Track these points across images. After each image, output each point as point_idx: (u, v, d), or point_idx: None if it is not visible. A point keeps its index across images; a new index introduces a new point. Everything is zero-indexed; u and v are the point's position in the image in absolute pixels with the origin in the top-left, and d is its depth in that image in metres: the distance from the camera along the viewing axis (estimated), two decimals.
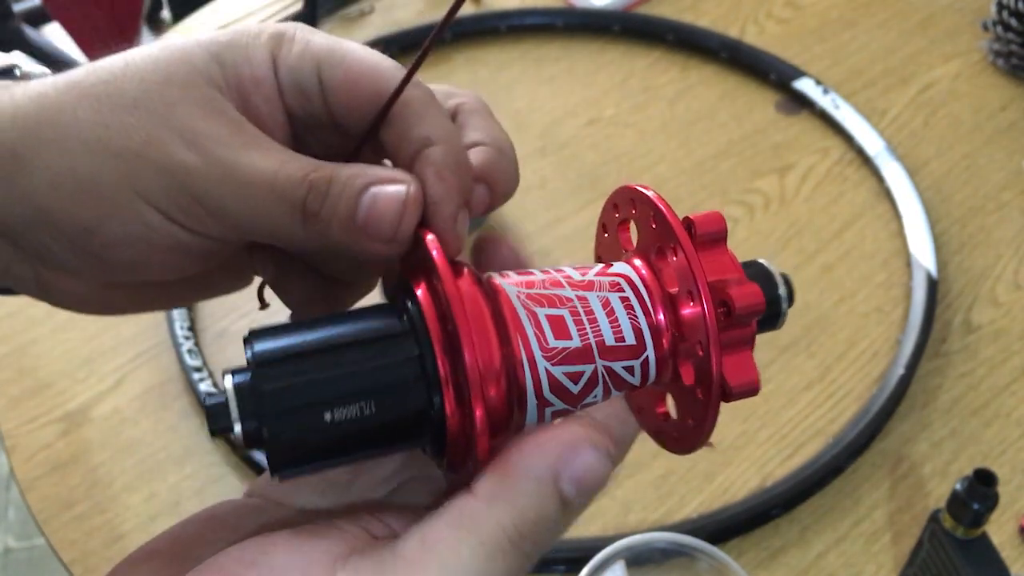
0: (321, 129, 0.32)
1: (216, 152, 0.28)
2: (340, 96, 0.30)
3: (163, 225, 0.29)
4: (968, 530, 0.54)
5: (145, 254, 0.30)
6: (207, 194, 0.28)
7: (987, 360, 0.74)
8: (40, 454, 0.70)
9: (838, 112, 0.91)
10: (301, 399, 0.26)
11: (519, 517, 0.24)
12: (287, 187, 0.28)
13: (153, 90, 0.29)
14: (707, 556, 0.56)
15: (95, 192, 0.28)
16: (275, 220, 0.29)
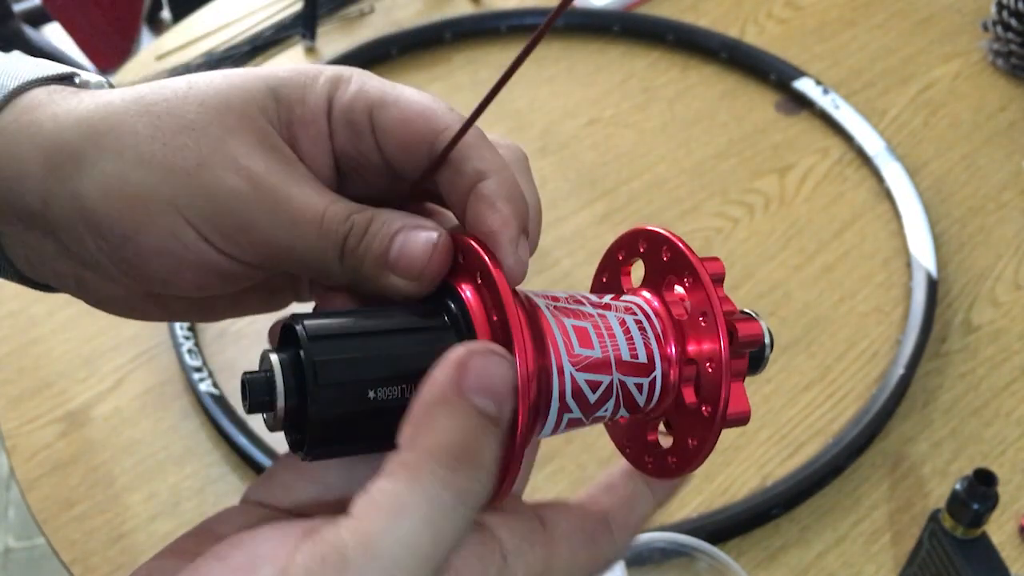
0: (369, 169, 0.33)
1: (267, 182, 0.30)
2: (393, 137, 0.31)
3: (198, 244, 0.30)
4: (968, 530, 0.54)
5: (175, 269, 0.31)
6: (252, 222, 0.30)
7: (987, 360, 0.74)
8: (40, 454, 0.70)
9: (838, 112, 0.91)
10: (350, 374, 0.26)
11: (443, 440, 0.24)
12: (332, 224, 0.30)
13: (211, 115, 0.30)
14: (707, 556, 0.56)
15: (139, 203, 0.29)
16: (315, 254, 0.30)
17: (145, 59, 1.03)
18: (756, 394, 0.72)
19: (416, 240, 0.29)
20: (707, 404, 0.29)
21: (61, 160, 0.30)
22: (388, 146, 0.31)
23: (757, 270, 0.80)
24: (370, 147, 0.32)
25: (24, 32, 2.11)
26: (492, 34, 1.01)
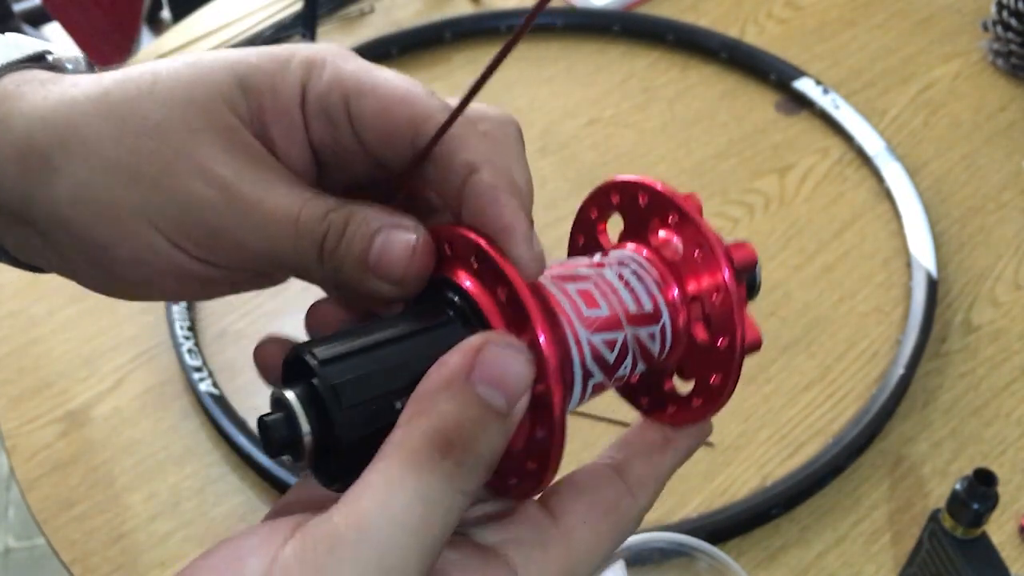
0: (349, 159, 0.31)
1: (236, 187, 0.29)
2: (371, 127, 0.30)
3: (171, 253, 0.29)
4: (968, 530, 0.54)
5: (151, 276, 0.30)
6: (224, 229, 0.29)
7: (987, 360, 0.74)
8: (40, 454, 0.70)
9: (838, 112, 0.91)
10: (372, 389, 0.26)
11: (440, 423, 0.23)
12: (308, 225, 0.29)
13: (176, 115, 0.29)
14: (707, 556, 0.56)
15: (109, 212, 0.29)
16: (293, 256, 0.29)
17: (145, 59, 1.02)
18: (756, 394, 0.72)
19: (395, 243, 0.28)
20: (722, 336, 0.29)
21: (33, 163, 0.29)
22: (367, 137, 0.30)
23: None
24: (349, 137, 0.30)
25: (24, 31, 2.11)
26: (492, 34, 1.01)
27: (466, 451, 0.23)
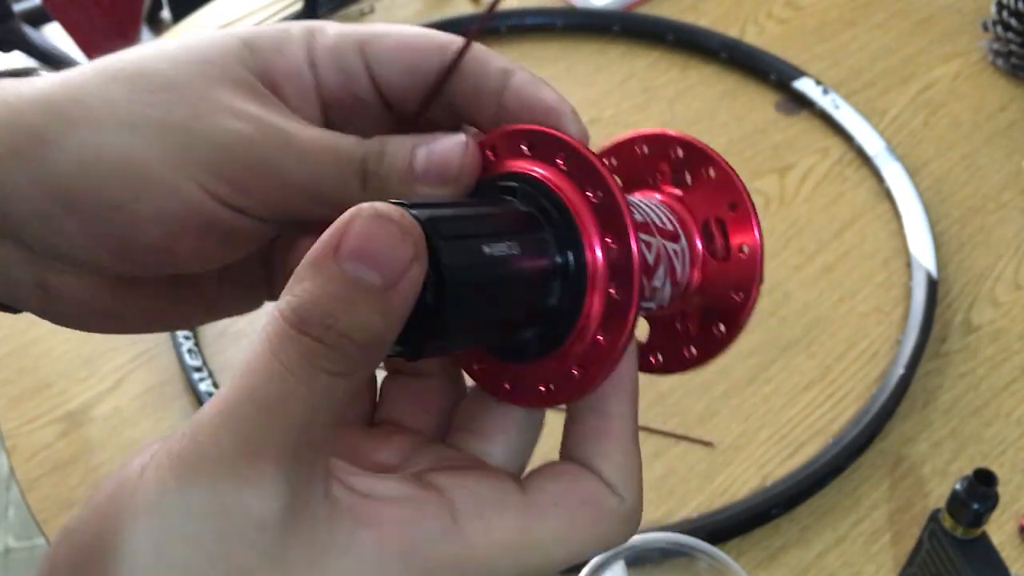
0: (362, 114, 0.31)
1: (271, 121, 0.28)
2: (394, 64, 0.30)
3: (200, 201, 0.28)
4: (968, 530, 0.54)
5: (173, 234, 0.28)
6: (266, 164, 0.28)
7: (987, 360, 0.74)
8: (40, 454, 0.70)
9: (838, 112, 0.91)
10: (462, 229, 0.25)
11: (295, 301, 0.22)
12: (350, 150, 0.29)
13: (191, 69, 0.28)
14: (707, 556, 0.56)
15: (128, 170, 0.27)
16: (336, 185, 0.29)
17: None
18: (756, 394, 0.72)
19: (444, 144, 0.28)
20: (743, 240, 0.30)
21: (21, 144, 0.27)
22: (388, 76, 0.30)
23: None
24: (364, 86, 0.30)
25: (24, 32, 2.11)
26: (492, 34, 1.01)
27: (325, 328, 0.22)
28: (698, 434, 0.69)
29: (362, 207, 0.23)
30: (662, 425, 0.70)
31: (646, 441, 0.69)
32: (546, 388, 0.27)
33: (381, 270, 0.22)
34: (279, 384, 0.22)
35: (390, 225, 0.22)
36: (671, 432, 0.69)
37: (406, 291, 0.23)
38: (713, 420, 0.70)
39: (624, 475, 0.28)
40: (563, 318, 0.27)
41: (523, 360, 0.28)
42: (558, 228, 0.27)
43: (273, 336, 0.22)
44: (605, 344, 0.26)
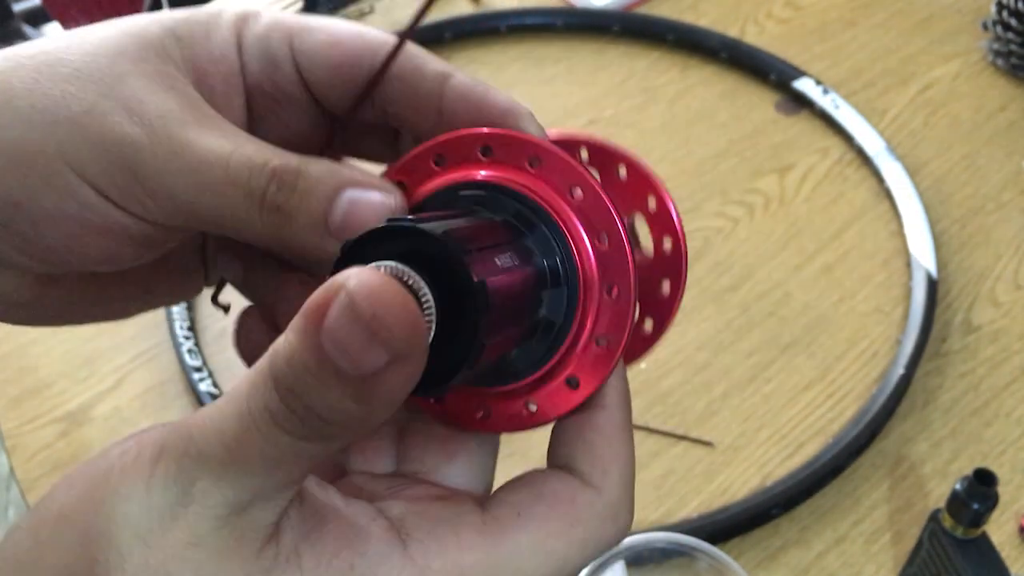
0: (287, 107, 0.30)
1: (164, 127, 0.26)
2: (322, 61, 0.29)
3: (97, 203, 0.26)
4: (968, 530, 0.54)
5: (76, 235, 0.27)
6: (151, 172, 0.26)
7: (987, 360, 0.74)
8: (40, 454, 0.70)
9: (838, 112, 0.91)
10: (474, 244, 0.24)
11: (279, 350, 0.20)
12: (242, 171, 0.26)
13: (100, 61, 0.27)
14: (707, 556, 0.56)
15: (25, 162, 0.26)
16: (227, 207, 0.26)
17: None
18: (756, 394, 0.72)
19: (367, 205, 0.26)
20: (666, 237, 0.30)
21: None
22: (315, 71, 0.29)
23: (757, 270, 0.80)
24: (290, 78, 0.29)
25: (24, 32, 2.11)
26: (492, 34, 1.01)
27: (292, 395, 0.20)
28: (698, 434, 0.69)
29: (347, 281, 0.19)
30: (662, 425, 0.70)
31: (646, 441, 0.69)
32: (528, 410, 0.26)
33: (353, 365, 0.19)
34: (239, 425, 0.21)
35: (357, 326, 0.19)
36: (671, 432, 0.69)
37: (392, 384, 0.20)
38: (713, 420, 0.70)
39: (600, 465, 0.26)
40: (554, 330, 0.26)
41: (503, 383, 0.26)
42: (540, 236, 0.26)
43: (255, 374, 0.21)
44: (604, 350, 0.25)
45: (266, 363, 0.21)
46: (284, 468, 0.21)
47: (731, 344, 0.75)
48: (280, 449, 0.21)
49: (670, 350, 0.74)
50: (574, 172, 0.26)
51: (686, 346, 0.74)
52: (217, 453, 0.21)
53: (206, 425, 0.21)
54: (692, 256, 0.81)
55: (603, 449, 0.26)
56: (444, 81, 0.28)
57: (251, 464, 0.21)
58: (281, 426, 0.20)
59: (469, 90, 0.28)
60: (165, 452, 0.22)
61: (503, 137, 0.26)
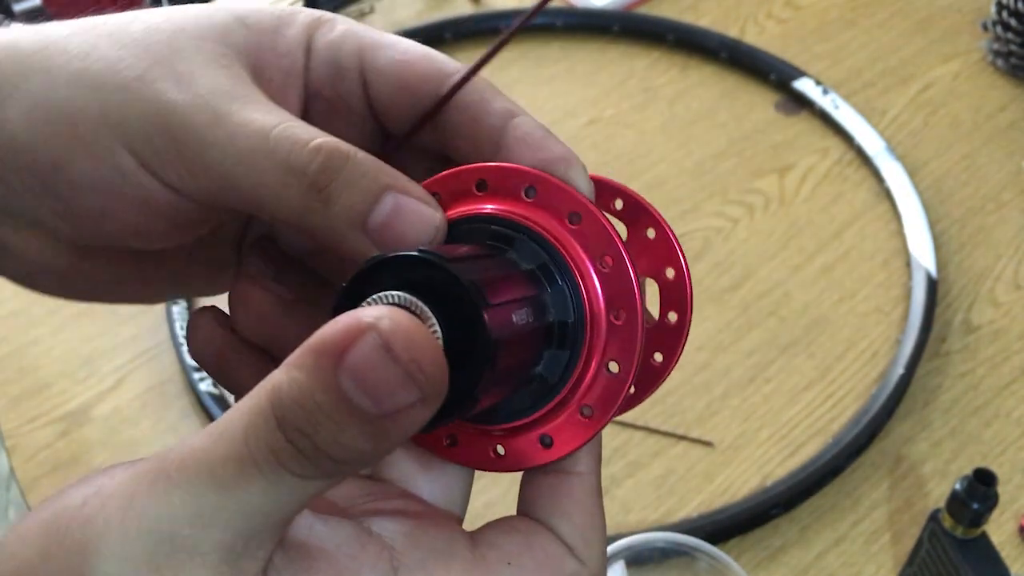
0: (344, 117, 0.29)
1: (210, 98, 0.26)
2: (390, 79, 0.28)
3: (136, 173, 0.26)
4: (968, 530, 0.54)
5: (111, 204, 0.27)
6: (191, 140, 0.25)
7: (987, 360, 0.74)
8: (40, 454, 0.70)
9: (838, 112, 0.91)
10: (497, 295, 0.23)
11: (286, 389, 0.19)
12: (283, 143, 0.25)
13: (160, 35, 0.27)
14: (707, 556, 0.56)
15: (70, 124, 0.26)
16: (265, 181, 0.25)
17: None
18: (756, 394, 0.72)
19: (414, 214, 0.25)
20: (672, 311, 0.29)
21: None
22: (381, 88, 0.28)
23: (757, 270, 0.80)
24: (353, 90, 0.29)
25: None
26: (492, 34, 1.01)
27: (300, 434, 0.19)
28: (698, 434, 0.69)
29: (378, 322, 0.19)
30: (662, 425, 0.70)
31: (646, 441, 0.69)
32: (496, 452, 0.26)
33: (376, 404, 0.19)
34: (237, 467, 0.20)
35: (392, 368, 0.19)
36: (671, 432, 0.69)
37: (404, 426, 0.20)
38: (713, 420, 0.70)
39: (585, 538, 0.26)
40: (544, 387, 0.26)
41: (477, 420, 0.26)
42: (558, 294, 0.26)
43: (253, 413, 0.20)
44: (587, 421, 0.25)
45: (265, 401, 0.20)
46: (283, 509, 0.21)
47: (731, 344, 0.75)
48: (283, 490, 0.20)
49: None
50: (609, 241, 0.25)
51: (686, 346, 0.74)
52: (210, 496, 0.20)
53: (190, 467, 0.20)
54: (692, 256, 0.81)
55: (583, 519, 0.26)
56: (508, 119, 0.27)
57: (250, 507, 0.20)
58: (286, 466, 0.20)
59: (530, 132, 0.27)
60: (138, 497, 0.20)
61: (552, 185, 0.26)
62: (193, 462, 0.20)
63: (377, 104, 0.29)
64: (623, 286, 0.25)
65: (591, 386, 0.26)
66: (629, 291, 0.25)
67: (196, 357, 0.30)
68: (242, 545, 0.20)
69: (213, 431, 0.20)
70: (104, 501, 0.20)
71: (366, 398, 0.19)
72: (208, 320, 0.30)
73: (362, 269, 0.23)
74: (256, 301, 0.29)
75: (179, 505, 0.20)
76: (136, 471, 0.21)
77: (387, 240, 0.25)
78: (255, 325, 0.29)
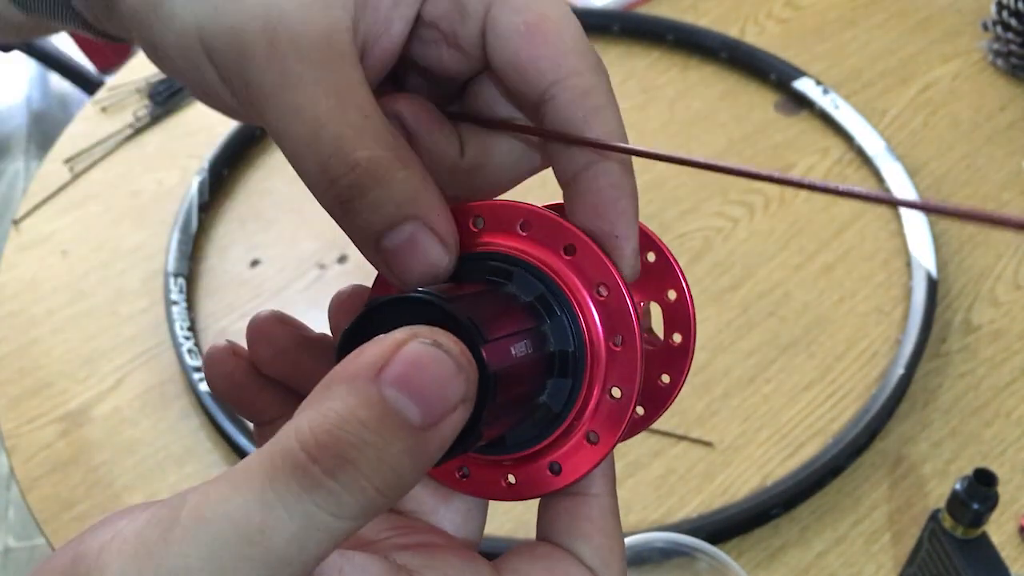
0: (454, 53, 0.28)
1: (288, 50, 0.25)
2: (503, 49, 0.26)
3: (216, 82, 0.26)
4: (968, 530, 0.54)
5: (182, 77, 0.27)
6: (256, 94, 0.25)
7: (987, 360, 0.74)
8: (40, 454, 0.70)
9: (838, 112, 0.91)
10: (497, 330, 0.24)
11: (318, 420, 0.19)
12: (326, 148, 0.25)
13: None
14: (707, 556, 0.56)
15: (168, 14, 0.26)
16: (304, 168, 0.25)
17: (145, 59, 1.02)
18: (756, 394, 0.72)
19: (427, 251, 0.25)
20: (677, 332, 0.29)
21: None
22: (496, 55, 0.27)
23: (757, 270, 0.80)
24: (470, 36, 0.27)
25: None
26: None
27: (342, 462, 0.18)
28: (698, 434, 0.69)
29: (419, 330, 0.20)
30: (662, 425, 0.70)
31: (646, 441, 0.69)
32: (508, 481, 0.27)
33: (425, 407, 0.19)
34: (262, 514, 0.18)
35: (446, 358, 0.19)
36: (671, 432, 0.69)
37: (446, 434, 0.19)
38: (713, 420, 0.70)
39: (605, 559, 0.26)
40: (549, 415, 0.26)
41: (488, 451, 0.27)
42: (558, 325, 0.26)
43: (278, 455, 0.19)
44: (594, 447, 0.26)
45: (294, 440, 0.19)
46: (311, 556, 0.19)
47: (731, 344, 0.75)
48: (312, 535, 0.19)
49: None
50: (605, 270, 0.26)
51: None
52: (230, 549, 0.18)
53: (207, 517, 0.19)
54: (692, 256, 0.81)
55: (602, 540, 0.26)
56: (598, 154, 0.27)
57: (274, 557, 0.19)
58: (321, 507, 0.19)
59: (611, 186, 0.26)
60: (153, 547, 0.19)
61: (545, 219, 0.26)
62: (210, 511, 0.19)
63: (491, 62, 0.27)
64: (621, 313, 0.26)
65: (595, 412, 0.26)
66: (626, 318, 0.26)
67: (214, 388, 0.30)
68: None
69: (232, 477, 0.19)
70: (120, 548, 0.19)
71: (414, 403, 0.19)
72: (225, 354, 0.29)
73: (362, 313, 0.23)
74: (278, 336, 0.29)
75: (194, 558, 0.19)
76: (154, 516, 0.20)
77: (394, 265, 0.25)
78: (274, 361, 0.29)
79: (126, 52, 1.94)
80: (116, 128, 0.95)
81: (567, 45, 0.27)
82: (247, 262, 0.82)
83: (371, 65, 0.27)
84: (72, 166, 0.92)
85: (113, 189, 0.90)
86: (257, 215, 0.86)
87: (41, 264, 0.83)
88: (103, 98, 0.98)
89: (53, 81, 2.41)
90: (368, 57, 0.27)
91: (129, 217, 0.87)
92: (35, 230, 0.86)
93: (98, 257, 0.83)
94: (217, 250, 0.84)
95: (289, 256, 0.82)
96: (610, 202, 0.26)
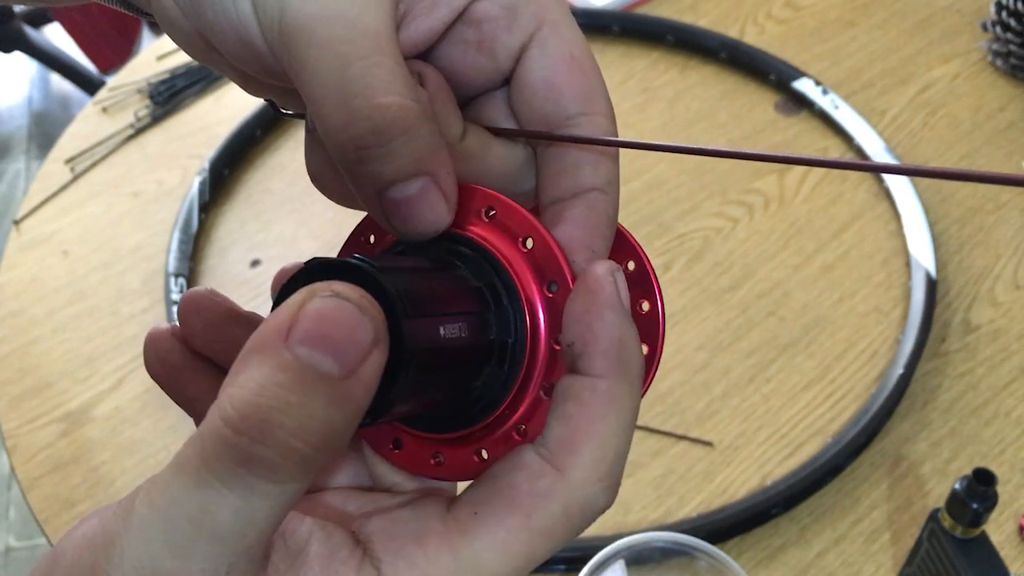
0: (482, 64, 0.28)
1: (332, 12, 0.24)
2: (527, 87, 0.27)
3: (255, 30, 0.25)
4: (967, 529, 0.54)
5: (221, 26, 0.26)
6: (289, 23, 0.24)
7: (986, 360, 0.74)
8: (41, 454, 0.70)
9: (838, 112, 0.91)
10: (425, 307, 0.23)
11: (235, 394, 0.19)
12: (353, 89, 0.24)
13: None
14: (706, 555, 0.56)
15: None
16: (324, 111, 0.24)
17: (146, 59, 1.03)
18: (756, 394, 0.72)
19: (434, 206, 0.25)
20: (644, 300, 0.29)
21: None
22: (519, 86, 0.27)
23: (757, 270, 0.80)
24: (501, 51, 0.27)
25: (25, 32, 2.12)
26: None
27: (268, 427, 0.19)
28: (698, 434, 0.70)
29: (316, 287, 0.20)
30: (662, 425, 0.70)
31: (646, 441, 0.69)
32: (436, 461, 0.27)
33: (339, 356, 0.19)
34: (204, 493, 0.19)
35: (347, 305, 0.19)
36: (671, 432, 0.70)
37: (368, 379, 0.20)
38: (713, 420, 0.70)
39: (568, 444, 0.23)
40: (489, 403, 0.26)
41: (431, 431, 0.27)
42: (503, 315, 0.26)
43: (207, 435, 0.19)
44: (525, 439, 0.25)
45: (217, 417, 0.19)
46: (260, 524, 0.20)
47: (731, 344, 0.75)
48: (256, 504, 0.19)
49: (670, 350, 0.74)
50: (558, 268, 0.26)
51: (686, 346, 0.74)
52: (182, 529, 0.19)
53: (156, 502, 0.20)
54: (692, 256, 0.81)
55: (576, 424, 0.23)
56: (589, 188, 0.27)
57: (223, 531, 0.19)
58: (258, 475, 0.19)
59: (593, 217, 0.27)
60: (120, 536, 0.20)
61: (509, 208, 0.26)
62: (159, 498, 0.20)
63: (524, 75, 0.28)
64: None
65: (530, 407, 0.26)
66: None
67: (151, 371, 0.29)
68: (225, 570, 0.20)
69: (173, 462, 0.20)
70: (91, 541, 0.20)
71: (327, 356, 0.19)
72: (166, 336, 0.29)
73: (293, 276, 0.23)
74: (208, 308, 0.28)
75: (156, 542, 0.19)
76: (119, 508, 0.21)
77: (395, 216, 0.25)
78: (205, 332, 0.28)
79: (127, 52, 1.95)
80: (117, 128, 0.95)
81: (601, 88, 0.28)
82: (247, 262, 0.82)
83: (403, 39, 0.26)
84: (73, 166, 0.92)
85: (114, 189, 0.90)
86: (257, 215, 0.87)
87: (42, 264, 0.83)
88: (104, 98, 0.98)
89: (54, 81, 2.41)
90: (403, 30, 0.26)
91: (130, 217, 0.87)
92: (36, 230, 0.86)
93: (99, 257, 0.83)
94: (217, 250, 0.84)
95: (289, 256, 0.82)
96: (594, 227, 0.26)
